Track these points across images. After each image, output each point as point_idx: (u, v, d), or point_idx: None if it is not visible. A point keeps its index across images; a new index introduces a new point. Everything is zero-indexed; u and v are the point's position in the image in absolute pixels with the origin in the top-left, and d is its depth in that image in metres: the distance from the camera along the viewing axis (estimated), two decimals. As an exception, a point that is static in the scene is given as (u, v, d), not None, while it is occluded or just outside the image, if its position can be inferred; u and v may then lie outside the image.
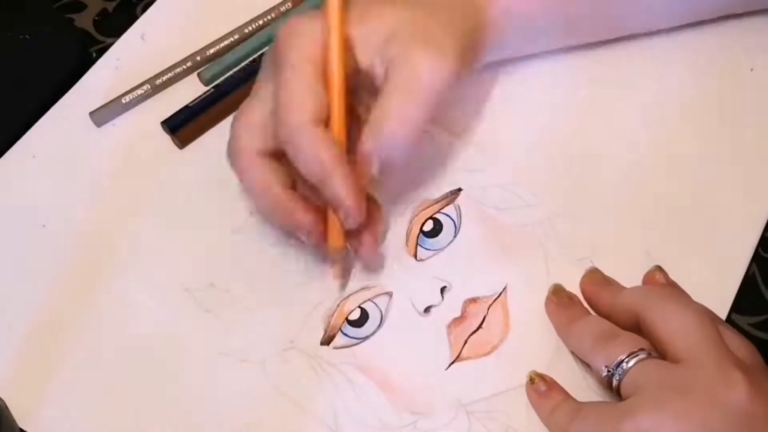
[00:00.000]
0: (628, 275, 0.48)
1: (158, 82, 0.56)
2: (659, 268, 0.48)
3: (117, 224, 0.52)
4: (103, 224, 0.52)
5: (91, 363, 0.48)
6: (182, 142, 0.54)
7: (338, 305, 0.49)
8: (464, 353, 0.47)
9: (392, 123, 0.45)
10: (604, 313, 0.47)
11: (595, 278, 0.48)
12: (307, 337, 0.48)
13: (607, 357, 0.43)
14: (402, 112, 0.45)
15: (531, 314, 0.48)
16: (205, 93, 0.55)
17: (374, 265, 0.49)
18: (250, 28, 0.58)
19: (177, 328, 0.49)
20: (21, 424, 0.45)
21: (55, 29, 0.59)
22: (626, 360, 0.42)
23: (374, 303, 0.49)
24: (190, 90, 0.56)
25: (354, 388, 0.47)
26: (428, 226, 0.51)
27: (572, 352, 0.46)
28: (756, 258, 0.50)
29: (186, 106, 0.55)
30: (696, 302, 0.45)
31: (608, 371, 0.43)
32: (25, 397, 0.47)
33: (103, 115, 0.55)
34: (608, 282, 0.48)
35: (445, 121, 0.53)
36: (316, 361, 0.47)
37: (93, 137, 0.55)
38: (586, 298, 0.48)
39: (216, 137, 0.54)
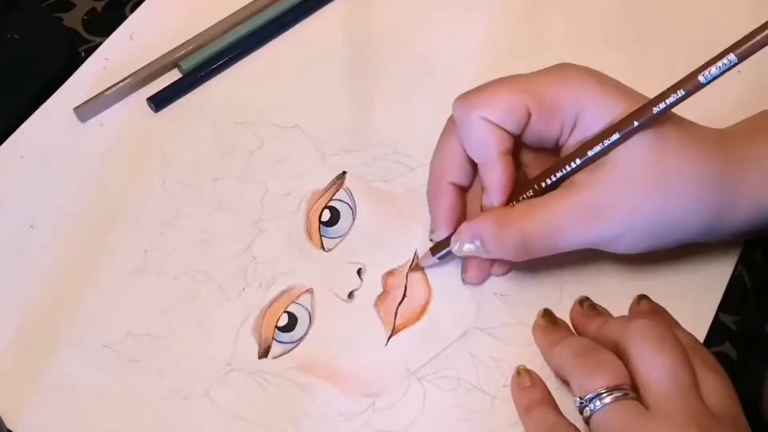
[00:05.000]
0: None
1: (141, 75, 0.55)
2: (643, 297, 0.48)
3: (107, 225, 0.51)
4: (92, 225, 0.51)
5: (78, 364, 0.47)
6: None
7: (264, 316, 0.49)
8: (398, 325, 0.49)
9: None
10: (586, 335, 0.47)
11: (583, 308, 0.48)
12: (243, 355, 0.48)
13: (589, 382, 0.42)
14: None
15: (446, 270, 0.50)
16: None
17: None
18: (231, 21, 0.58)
19: (107, 386, 0.47)
20: (8, 425, 0.45)
21: (44, 28, 0.58)
22: (604, 395, 0.42)
23: (298, 304, 0.49)
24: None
25: (305, 390, 0.47)
26: (325, 216, 0.51)
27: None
28: (743, 258, 0.50)
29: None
30: (677, 337, 0.44)
31: (581, 403, 0.42)
32: (13, 397, 0.46)
33: (87, 109, 0.54)
34: (597, 313, 0.48)
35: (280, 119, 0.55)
36: (259, 376, 0.47)
37: (81, 137, 0.54)
38: (574, 328, 0.48)
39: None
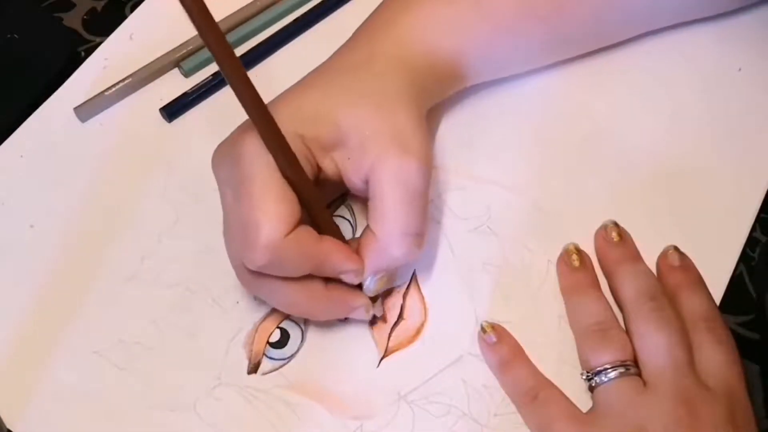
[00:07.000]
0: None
1: (141, 75, 0.55)
2: (674, 248, 0.48)
3: (106, 227, 0.51)
4: (92, 226, 0.51)
5: (70, 368, 0.47)
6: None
7: (256, 331, 0.48)
8: (391, 347, 0.48)
9: (402, 247, 0.44)
10: (607, 271, 0.48)
11: (607, 233, 0.49)
12: (233, 370, 0.47)
13: (595, 358, 0.45)
14: (406, 229, 0.44)
15: (444, 292, 0.49)
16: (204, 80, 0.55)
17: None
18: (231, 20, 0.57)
19: (96, 392, 0.47)
20: (8, 425, 0.46)
21: (44, 28, 0.58)
22: (610, 370, 0.44)
23: (292, 320, 0.48)
24: (173, 84, 0.55)
25: (293, 409, 0.46)
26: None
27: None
28: (743, 258, 0.50)
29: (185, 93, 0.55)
30: (677, 315, 0.46)
31: (588, 376, 0.45)
32: (12, 397, 0.47)
33: (87, 109, 0.54)
34: (620, 240, 0.48)
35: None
36: (248, 392, 0.47)
37: (81, 137, 0.54)
38: (596, 252, 0.49)
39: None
